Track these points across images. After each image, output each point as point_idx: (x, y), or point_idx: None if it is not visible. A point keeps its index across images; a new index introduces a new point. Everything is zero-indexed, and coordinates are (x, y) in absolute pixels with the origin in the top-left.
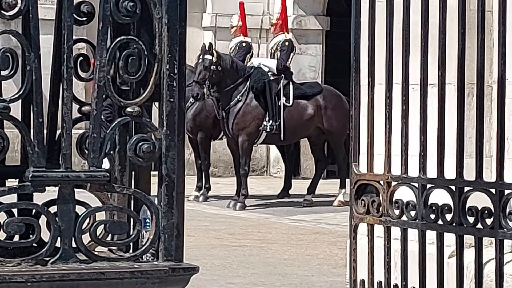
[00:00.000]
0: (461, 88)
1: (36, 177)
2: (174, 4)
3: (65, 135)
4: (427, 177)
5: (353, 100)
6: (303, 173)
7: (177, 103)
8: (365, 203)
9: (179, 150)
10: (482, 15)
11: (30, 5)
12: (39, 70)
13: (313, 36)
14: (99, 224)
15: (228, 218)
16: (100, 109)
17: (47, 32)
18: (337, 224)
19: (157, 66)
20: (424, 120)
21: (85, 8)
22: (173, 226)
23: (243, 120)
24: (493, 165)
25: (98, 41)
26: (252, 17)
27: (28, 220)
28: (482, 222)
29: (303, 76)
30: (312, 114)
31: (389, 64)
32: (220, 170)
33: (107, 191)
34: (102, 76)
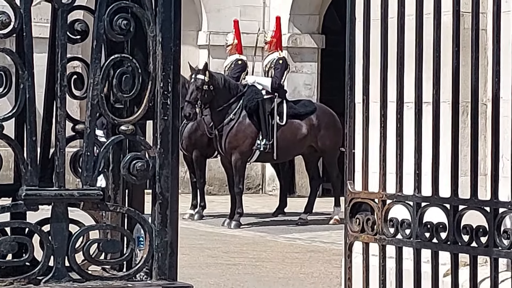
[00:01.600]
0: (456, 106)
1: (29, 195)
2: (168, 22)
3: (59, 153)
4: (422, 195)
5: (348, 118)
6: (298, 191)
7: (171, 121)
8: (360, 221)
9: (173, 168)
10: (477, 33)
11: (24, 24)
12: (33, 88)
13: (308, 54)
14: (93, 242)
15: (223, 236)
16: (93, 128)
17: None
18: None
19: (151, 84)
20: (419, 138)
21: (79, 26)
22: (167, 245)
23: (236, 138)
24: (488, 184)
25: (92, 59)
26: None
27: (21, 239)
28: (476, 240)
29: (298, 94)
30: (305, 133)
31: (383, 82)
32: (215, 188)
33: (101, 210)
34: (96, 94)
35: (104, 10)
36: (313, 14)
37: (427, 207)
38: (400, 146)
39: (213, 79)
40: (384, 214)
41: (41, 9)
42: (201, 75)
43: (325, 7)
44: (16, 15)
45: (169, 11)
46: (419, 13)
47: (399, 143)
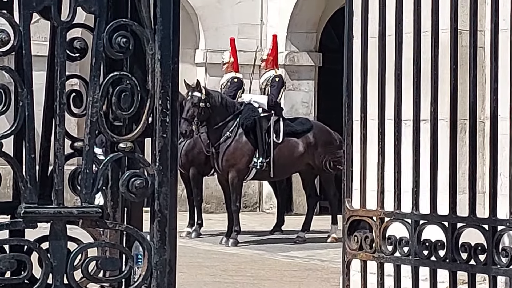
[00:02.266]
0: (454, 124)
1: (28, 213)
2: (167, 40)
3: (58, 171)
4: (420, 213)
5: (345, 135)
6: (295, 209)
7: (169, 139)
8: (358, 239)
9: (171, 186)
10: (474, 51)
11: (23, 42)
12: (32, 106)
13: (306, 72)
14: (91, 260)
15: (221, 254)
16: (92, 145)
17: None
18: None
19: (149, 101)
20: (417, 156)
21: (78, 44)
22: (166, 263)
23: (233, 156)
24: (486, 201)
25: (91, 77)
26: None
27: (19, 257)
28: (475, 258)
29: (295, 112)
30: (302, 152)
31: (381, 100)
32: (213, 206)
33: (99, 227)
34: (95, 112)
35: (103, 28)
36: (311, 32)
37: (425, 224)
38: (398, 164)
39: (210, 96)
40: (382, 232)
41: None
42: (198, 93)
43: (322, 25)
44: (15, 33)
45: (168, 29)
46: (416, 31)
47: (397, 160)
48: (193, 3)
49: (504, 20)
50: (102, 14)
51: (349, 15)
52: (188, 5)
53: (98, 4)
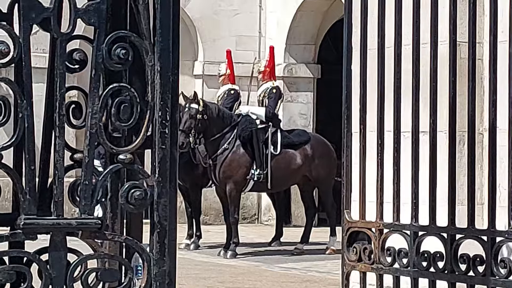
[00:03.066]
0: (453, 135)
1: (28, 224)
2: (166, 51)
3: (57, 182)
4: (419, 225)
5: (345, 147)
6: (294, 221)
7: (169, 150)
8: (357, 251)
9: (171, 197)
10: (473, 63)
11: (23, 53)
12: (32, 117)
13: (304, 84)
14: (91, 271)
15: (219, 266)
16: (92, 157)
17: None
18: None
19: (149, 113)
20: (416, 167)
21: (78, 55)
22: (165, 274)
23: (230, 168)
24: (485, 213)
25: (90, 89)
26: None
27: (19, 268)
28: (474, 269)
29: (294, 123)
30: (300, 164)
31: (380, 112)
32: (211, 218)
33: (99, 239)
34: (94, 123)
35: (103, 40)
36: (309, 44)
37: (424, 236)
38: (397, 175)
39: (207, 108)
40: (381, 243)
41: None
42: (195, 105)
43: (321, 37)
44: (15, 44)
45: (167, 41)
46: (416, 43)
47: (396, 172)
48: (191, 15)
49: (502, 32)
50: (101, 26)
51: (348, 27)
52: (187, 17)
53: (97, 16)
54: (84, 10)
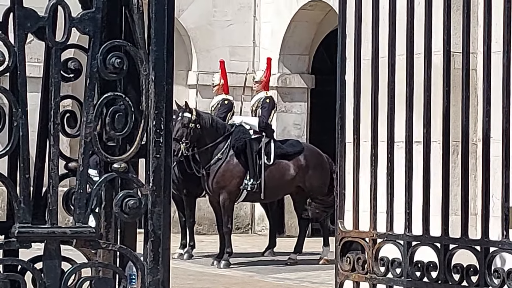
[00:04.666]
0: (446, 145)
1: (22, 233)
2: (161, 61)
3: (52, 191)
4: (413, 234)
5: (338, 157)
6: (287, 231)
7: (163, 159)
8: (351, 260)
9: (165, 206)
10: (467, 73)
11: (18, 62)
12: (26, 126)
13: (298, 94)
14: (85, 280)
15: (212, 276)
16: (86, 166)
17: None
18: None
19: (143, 122)
20: (410, 177)
21: (72, 64)
22: (159, 283)
23: (224, 178)
24: (478, 223)
25: (85, 98)
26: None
27: (13, 276)
28: (467, 279)
29: (288, 134)
30: (293, 174)
31: (374, 122)
32: (205, 228)
33: (93, 247)
34: (89, 132)
35: (98, 49)
36: (303, 54)
37: (417, 246)
38: (390, 185)
39: (201, 118)
40: (374, 253)
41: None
42: (188, 114)
43: (315, 48)
44: (10, 53)
45: (162, 50)
46: (409, 53)
47: (389, 182)
48: (186, 25)
49: (496, 42)
50: (96, 35)
51: (342, 37)
52: (181, 27)
53: (92, 25)
54: (79, 19)
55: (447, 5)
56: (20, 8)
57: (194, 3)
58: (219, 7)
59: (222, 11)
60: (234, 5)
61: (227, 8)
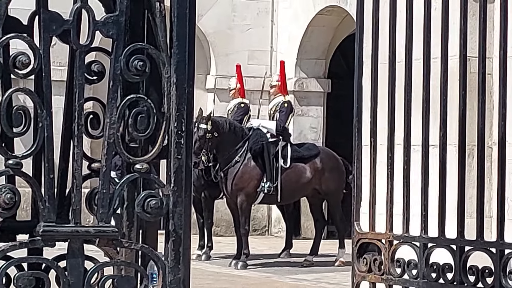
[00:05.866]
0: (462, 149)
1: (47, 231)
2: (182, 63)
3: (75, 191)
4: (429, 236)
5: (355, 160)
6: (303, 233)
7: (184, 160)
8: (367, 262)
9: (186, 206)
10: (483, 77)
11: (43, 64)
12: (51, 127)
13: (315, 98)
14: (107, 278)
15: (230, 276)
16: (109, 166)
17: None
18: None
19: (165, 124)
20: (426, 180)
21: (96, 67)
22: (180, 281)
23: (241, 180)
24: (493, 225)
25: (108, 99)
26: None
27: (38, 274)
28: (482, 281)
29: (304, 137)
30: (309, 177)
31: (391, 125)
32: (222, 229)
33: (115, 246)
34: (112, 134)
35: (121, 52)
36: (320, 59)
37: (433, 248)
38: (407, 188)
39: (217, 125)
40: (391, 255)
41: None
42: (203, 125)
43: (331, 52)
44: (35, 56)
45: (184, 53)
46: (426, 57)
47: (406, 185)
48: (205, 30)
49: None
50: (119, 38)
51: (359, 42)
52: (200, 32)
53: (115, 28)
54: (103, 23)
55: (464, 10)
56: (45, 12)
57: (213, 8)
58: (238, 12)
59: (241, 15)
60: (252, 10)
61: (246, 13)
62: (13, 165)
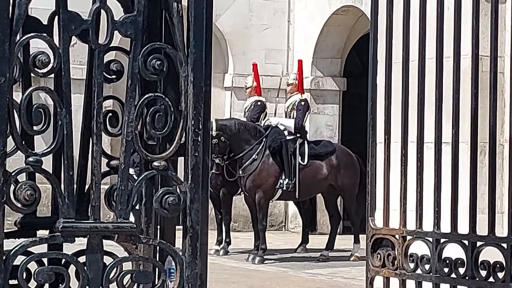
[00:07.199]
0: (474, 146)
1: (66, 227)
2: (199, 62)
3: (94, 187)
4: (441, 232)
5: (369, 157)
6: (319, 229)
7: (201, 158)
8: (381, 257)
9: (203, 202)
10: (495, 76)
11: (62, 63)
12: (70, 125)
13: (330, 97)
14: (126, 273)
15: (247, 271)
16: (128, 163)
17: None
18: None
19: (182, 122)
20: (438, 177)
21: (115, 66)
22: (197, 276)
23: (260, 177)
24: (505, 221)
25: (126, 98)
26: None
27: (58, 269)
28: (494, 276)
29: (320, 134)
30: (326, 174)
31: (404, 123)
32: (240, 225)
33: (134, 242)
34: (130, 131)
35: (139, 51)
36: (335, 58)
37: (446, 243)
38: (420, 185)
39: (224, 128)
40: (404, 250)
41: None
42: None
43: (347, 51)
44: (55, 55)
45: (201, 52)
46: (439, 56)
47: (419, 181)
48: (222, 29)
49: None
50: (137, 38)
51: (374, 41)
52: (218, 31)
53: (134, 28)
54: (121, 23)
55: (476, 10)
56: (65, 12)
57: (231, 8)
58: (255, 12)
59: (258, 15)
60: (269, 10)
61: (263, 13)
62: (33, 162)
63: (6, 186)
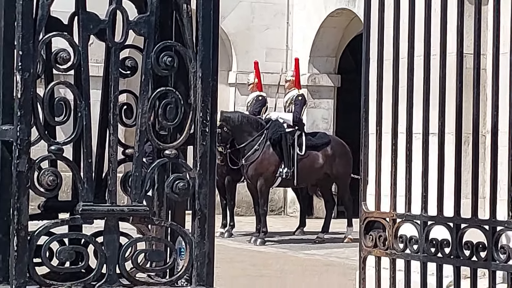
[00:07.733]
0: (459, 137)
1: (85, 210)
2: (207, 59)
3: (111, 174)
4: (428, 215)
5: (362, 147)
6: (316, 213)
7: (208, 146)
8: (373, 238)
9: (210, 187)
10: (477, 72)
11: (82, 60)
12: (89, 117)
13: (326, 92)
14: (140, 252)
15: (250, 251)
16: (142, 152)
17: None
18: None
19: (191, 114)
20: (426, 165)
21: (129, 62)
22: (205, 255)
23: (261, 166)
24: (486, 205)
25: (140, 92)
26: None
27: (78, 249)
28: (476, 255)
29: (316, 127)
30: (322, 163)
31: (395, 115)
32: (243, 210)
33: (147, 224)
34: (144, 122)
35: (152, 49)
36: (330, 56)
37: (432, 225)
38: (409, 172)
39: (228, 119)
40: (394, 231)
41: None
42: None
43: (341, 50)
44: (75, 52)
45: (208, 50)
46: (426, 54)
47: (408, 169)
48: (227, 30)
49: (504, 44)
50: (150, 36)
51: (366, 41)
52: (222, 32)
53: (147, 27)
54: (135, 22)
55: (460, 11)
56: (84, 12)
57: (235, 10)
58: (257, 14)
59: (259, 17)
60: (270, 12)
61: (264, 15)
62: (55, 150)
63: (31, 172)
